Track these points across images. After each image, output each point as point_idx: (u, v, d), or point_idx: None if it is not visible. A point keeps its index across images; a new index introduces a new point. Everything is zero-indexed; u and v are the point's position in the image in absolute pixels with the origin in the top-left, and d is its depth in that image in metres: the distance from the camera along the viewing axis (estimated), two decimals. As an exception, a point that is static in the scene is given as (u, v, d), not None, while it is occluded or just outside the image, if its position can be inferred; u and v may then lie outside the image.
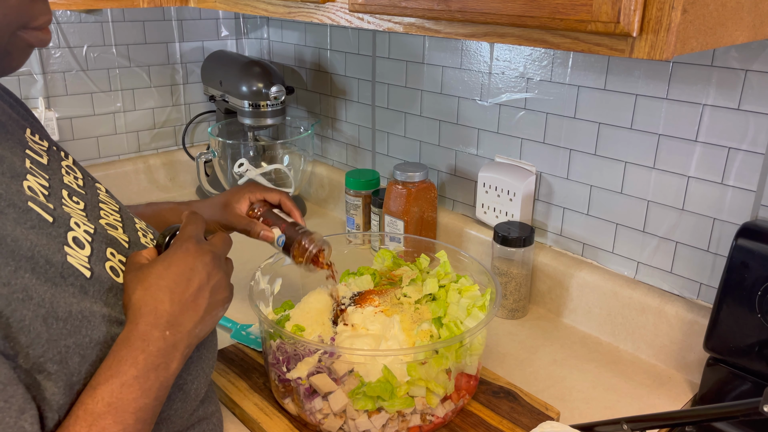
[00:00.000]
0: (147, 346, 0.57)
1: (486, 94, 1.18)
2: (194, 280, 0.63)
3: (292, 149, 1.51)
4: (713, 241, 0.93)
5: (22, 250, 0.53)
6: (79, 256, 0.59)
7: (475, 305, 0.85)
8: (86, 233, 0.62)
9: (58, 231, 0.58)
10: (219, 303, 0.65)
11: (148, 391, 0.56)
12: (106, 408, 0.53)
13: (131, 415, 0.54)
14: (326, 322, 0.90)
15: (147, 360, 0.56)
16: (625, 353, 1.02)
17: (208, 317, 0.63)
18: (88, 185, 0.71)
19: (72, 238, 0.59)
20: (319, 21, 0.94)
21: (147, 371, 0.56)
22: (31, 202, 0.58)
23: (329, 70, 1.52)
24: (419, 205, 1.22)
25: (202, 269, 0.64)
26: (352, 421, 0.78)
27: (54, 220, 0.59)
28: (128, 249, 0.68)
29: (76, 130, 1.54)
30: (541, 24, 0.63)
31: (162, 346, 0.58)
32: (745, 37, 0.66)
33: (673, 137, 0.94)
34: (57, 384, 0.52)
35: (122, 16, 1.53)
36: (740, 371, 0.86)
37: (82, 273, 0.57)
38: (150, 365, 0.56)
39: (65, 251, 0.57)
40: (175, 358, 0.59)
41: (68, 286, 0.55)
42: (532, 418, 0.84)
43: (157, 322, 0.58)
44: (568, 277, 1.09)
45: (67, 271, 0.56)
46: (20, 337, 0.50)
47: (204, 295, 0.63)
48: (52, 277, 0.54)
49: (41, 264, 0.54)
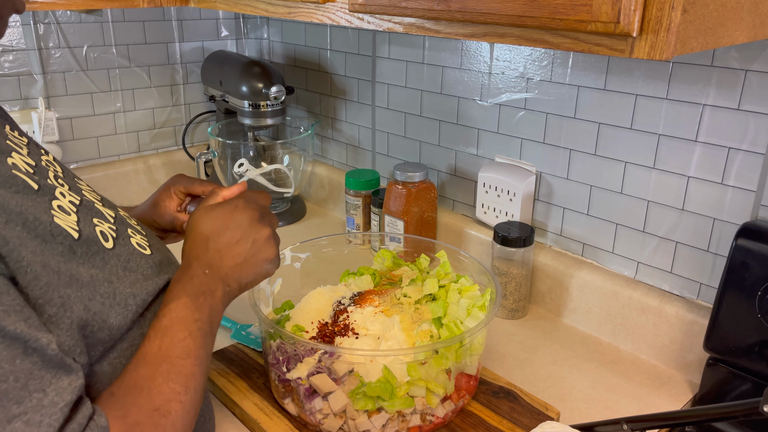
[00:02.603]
0: (192, 278, 0.68)
1: (486, 94, 1.18)
2: (235, 231, 0.72)
3: (292, 149, 1.51)
4: (713, 241, 0.93)
5: (11, 206, 0.54)
6: (66, 220, 0.60)
7: (475, 305, 0.85)
8: (71, 204, 0.64)
9: (43, 198, 0.59)
10: (260, 253, 0.73)
11: (202, 309, 0.66)
12: (170, 322, 0.63)
13: (193, 324, 0.64)
14: (326, 322, 0.90)
15: (194, 287, 0.67)
16: (625, 353, 1.02)
17: (247, 265, 0.72)
18: (68, 176, 0.72)
19: (57, 205, 0.61)
20: (319, 21, 0.94)
21: (196, 295, 0.66)
22: (15, 170, 0.59)
23: (329, 70, 1.52)
24: (419, 205, 1.22)
25: (246, 222, 0.73)
26: (352, 421, 0.78)
27: (39, 188, 0.60)
28: (114, 221, 0.69)
29: (76, 130, 1.54)
30: (541, 24, 0.63)
31: (204, 279, 0.68)
32: (745, 37, 0.66)
33: (673, 137, 0.94)
34: (59, 326, 0.54)
35: (122, 16, 1.53)
36: (740, 371, 0.86)
37: (70, 234, 0.59)
38: (198, 291, 0.67)
39: (52, 214, 0.58)
40: (218, 288, 0.69)
41: (57, 245, 0.57)
42: (532, 418, 0.84)
43: (198, 261, 0.70)
44: (568, 277, 1.09)
45: (56, 230, 0.57)
46: (18, 276, 0.52)
47: (244, 244, 0.72)
48: (42, 233, 0.56)
49: (30, 220, 0.55)
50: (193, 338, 0.63)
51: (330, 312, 0.92)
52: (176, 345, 0.62)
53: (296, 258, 1.00)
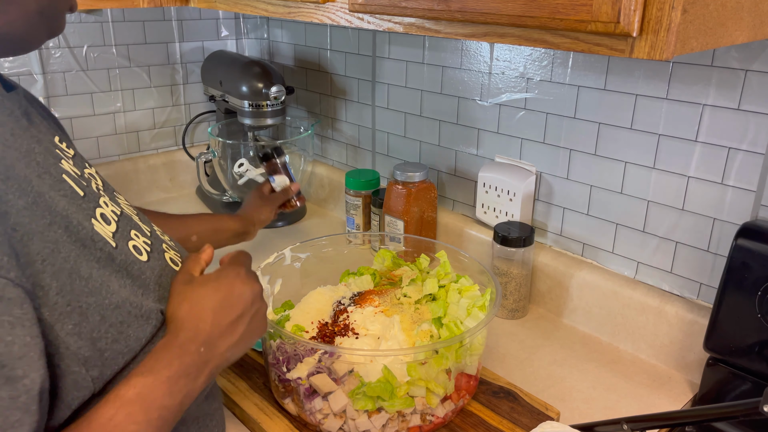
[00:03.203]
0: (182, 356, 0.61)
1: (486, 94, 1.18)
2: (238, 306, 0.66)
3: (292, 149, 1.51)
4: (713, 241, 0.93)
5: (58, 208, 0.56)
6: (105, 230, 0.62)
7: (475, 305, 0.85)
8: (113, 213, 0.66)
9: (88, 205, 0.62)
10: (255, 332, 0.68)
11: (175, 394, 0.59)
12: (135, 396, 0.56)
13: (155, 411, 0.57)
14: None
15: (180, 367, 0.60)
16: (625, 353, 1.02)
17: (241, 343, 0.66)
18: (108, 189, 0.74)
19: (100, 214, 0.63)
20: (319, 21, 0.94)
21: (178, 377, 0.60)
22: (65, 175, 0.61)
23: (329, 70, 1.52)
24: (419, 205, 1.22)
25: (249, 297, 0.67)
26: (352, 421, 0.78)
27: (85, 194, 0.62)
28: (150, 236, 0.71)
29: (76, 130, 1.54)
30: (541, 24, 0.63)
31: (196, 359, 0.62)
32: (745, 37, 0.66)
33: (673, 137, 0.94)
34: (81, 337, 0.55)
35: (122, 16, 1.53)
36: (740, 371, 0.86)
37: (109, 242, 0.61)
38: (182, 372, 0.60)
39: (92, 222, 0.60)
40: (203, 372, 0.62)
41: (96, 251, 0.58)
42: (532, 418, 0.84)
43: (196, 338, 0.62)
44: (568, 277, 1.09)
45: (96, 237, 0.59)
46: (46, 283, 0.53)
47: (243, 322, 0.66)
48: (82, 238, 0.57)
49: (74, 224, 0.57)
50: (148, 427, 0.56)
51: (330, 312, 0.92)
52: (127, 427, 0.55)
53: (296, 258, 1.00)
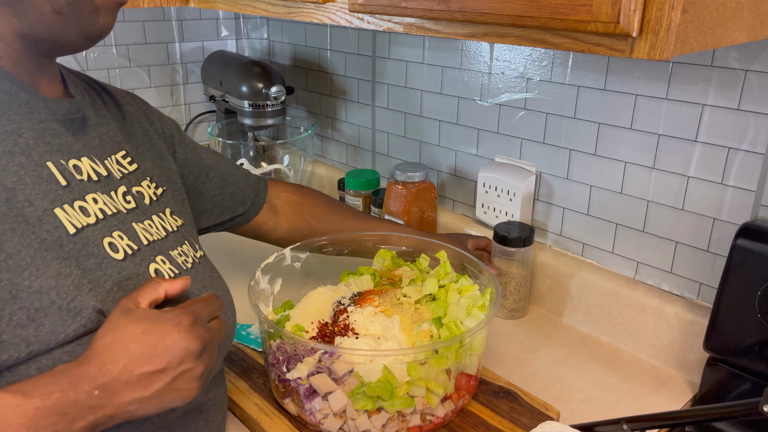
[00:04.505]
0: (68, 390, 0.51)
1: (486, 94, 1.18)
2: (161, 359, 0.55)
3: (292, 149, 1.51)
4: (713, 241, 0.93)
5: (5, 181, 0.52)
6: (71, 219, 0.56)
7: (475, 305, 0.85)
8: (101, 211, 0.60)
9: (65, 193, 0.57)
10: (177, 393, 0.56)
11: (34, 430, 0.49)
12: None
13: None
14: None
15: (58, 402, 0.50)
16: (625, 353, 1.02)
17: (154, 401, 0.55)
18: (155, 206, 0.69)
19: (79, 206, 0.58)
20: (319, 21, 0.94)
21: (50, 412, 0.49)
22: (50, 163, 0.57)
23: (329, 70, 1.52)
24: (419, 205, 1.22)
25: (179, 354, 0.55)
26: (352, 421, 0.78)
27: (68, 184, 0.57)
28: (149, 245, 0.65)
29: (76, 130, 1.53)
30: (541, 24, 0.63)
31: (82, 400, 0.51)
32: (745, 37, 0.66)
33: (673, 137, 0.94)
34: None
35: (122, 16, 1.53)
36: (740, 371, 0.86)
37: (65, 227, 0.55)
38: (57, 409, 0.50)
39: (57, 208, 0.56)
40: (86, 418, 0.51)
41: (41, 232, 0.53)
42: (532, 418, 0.84)
43: (96, 378, 0.52)
44: (568, 277, 1.09)
45: (47, 219, 0.54)
46: None
47: (162, 379, 0.55)
48: (26, 215, 0.53)
49: (19, 199, 0.53)
50: None
51: (330, 312, 0.92)
52: None
53: (296, 258, 1.00)
